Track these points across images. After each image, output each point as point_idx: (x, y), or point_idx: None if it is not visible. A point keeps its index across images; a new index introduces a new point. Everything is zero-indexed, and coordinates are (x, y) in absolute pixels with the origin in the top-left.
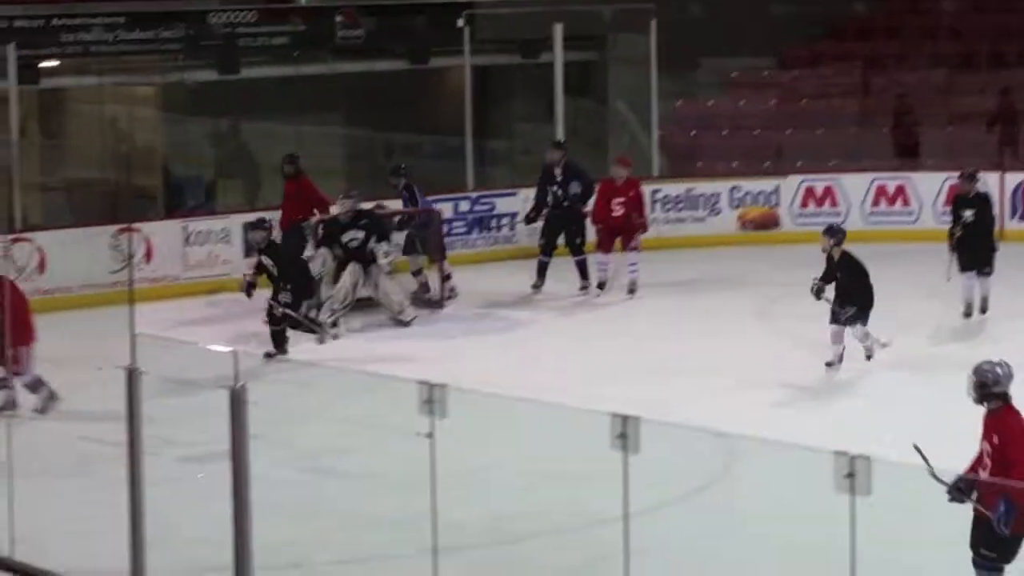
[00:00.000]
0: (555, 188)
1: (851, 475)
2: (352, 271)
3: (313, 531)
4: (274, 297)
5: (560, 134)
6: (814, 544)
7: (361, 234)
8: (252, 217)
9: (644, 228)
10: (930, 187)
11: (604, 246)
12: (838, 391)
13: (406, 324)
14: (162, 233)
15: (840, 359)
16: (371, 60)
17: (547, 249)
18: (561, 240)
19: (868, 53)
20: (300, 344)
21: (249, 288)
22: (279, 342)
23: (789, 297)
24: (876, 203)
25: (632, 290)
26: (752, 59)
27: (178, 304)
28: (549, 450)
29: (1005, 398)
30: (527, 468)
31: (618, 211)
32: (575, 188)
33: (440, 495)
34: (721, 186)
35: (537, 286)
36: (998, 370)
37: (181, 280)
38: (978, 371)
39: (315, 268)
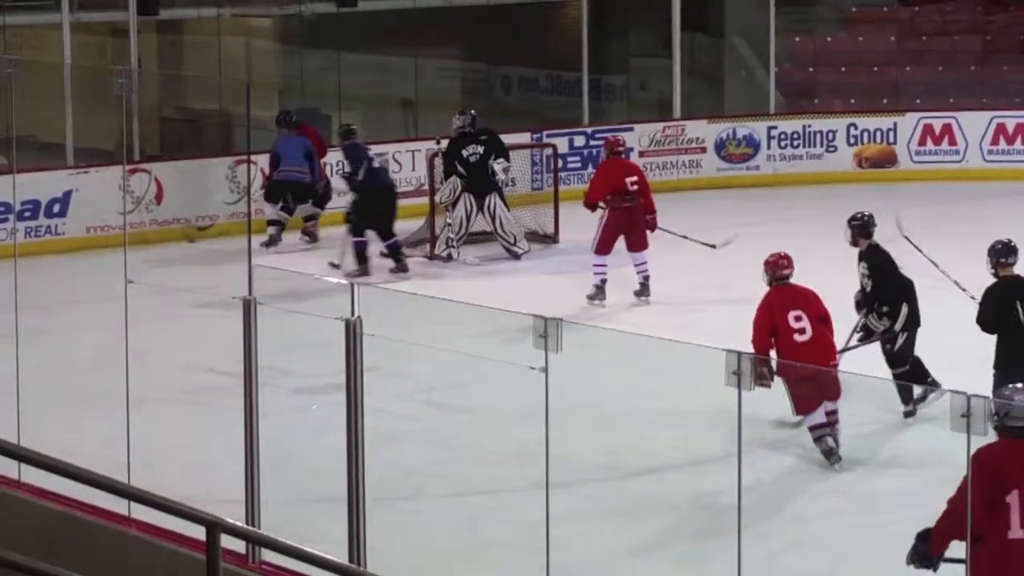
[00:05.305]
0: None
1: None
2: (465, 202)
3: (427, 463)
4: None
5: (677, 69)
6: None
7: (481, 149)
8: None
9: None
10: None
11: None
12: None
13: (518, 257)
14: None
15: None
16: None
17: None
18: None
19: None
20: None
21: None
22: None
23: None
24: (995, 142)
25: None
26: None
27: (293, 236)
28: (663, 386)
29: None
30: (640, 404)
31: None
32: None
33: (553, 429)
34: (838, 123)
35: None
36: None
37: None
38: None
39: (442, 196)
